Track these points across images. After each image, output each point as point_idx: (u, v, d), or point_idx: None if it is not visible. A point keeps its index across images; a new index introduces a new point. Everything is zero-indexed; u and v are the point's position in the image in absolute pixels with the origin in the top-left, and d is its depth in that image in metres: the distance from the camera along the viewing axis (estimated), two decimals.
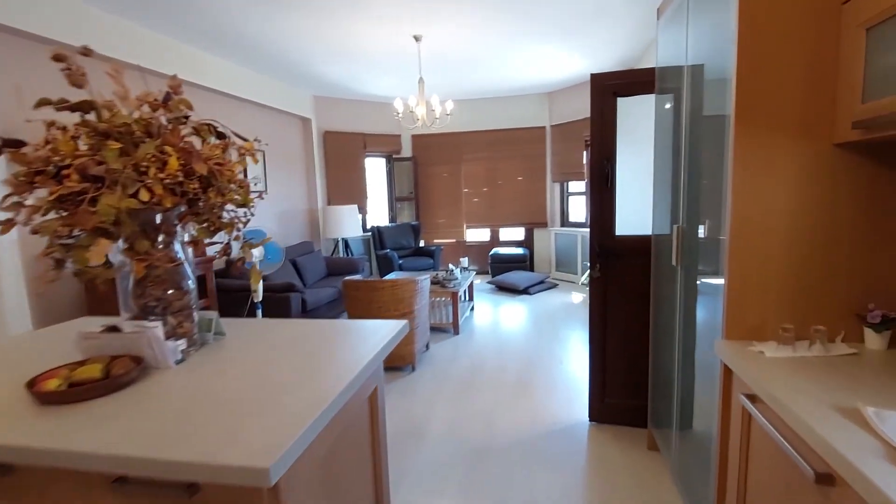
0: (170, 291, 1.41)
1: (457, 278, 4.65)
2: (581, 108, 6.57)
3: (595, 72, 5.86)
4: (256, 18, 3.84)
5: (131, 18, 3.70)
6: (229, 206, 1.60)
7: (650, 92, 2.35)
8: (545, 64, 5.46)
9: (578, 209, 7.06)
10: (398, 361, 3.60)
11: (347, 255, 6.72)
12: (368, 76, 5.68)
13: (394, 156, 7.60)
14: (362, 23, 3.98)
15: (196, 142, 1.38)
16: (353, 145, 7.12)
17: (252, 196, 1.64)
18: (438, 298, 4.61)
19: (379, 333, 1.50)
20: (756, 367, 1.20)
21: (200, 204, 1.39)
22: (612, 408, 2.67)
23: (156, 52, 4.04)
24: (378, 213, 7.86)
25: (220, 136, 1.53)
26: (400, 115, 4.56)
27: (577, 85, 6.61)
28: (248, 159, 1.55)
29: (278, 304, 4.32)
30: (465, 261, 5.34)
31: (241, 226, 1.59)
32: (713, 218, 1.56)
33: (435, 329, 4.67)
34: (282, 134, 6.26)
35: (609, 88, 2.45)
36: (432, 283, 4.79)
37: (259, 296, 4.01)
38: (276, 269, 4.17)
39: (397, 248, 7.03)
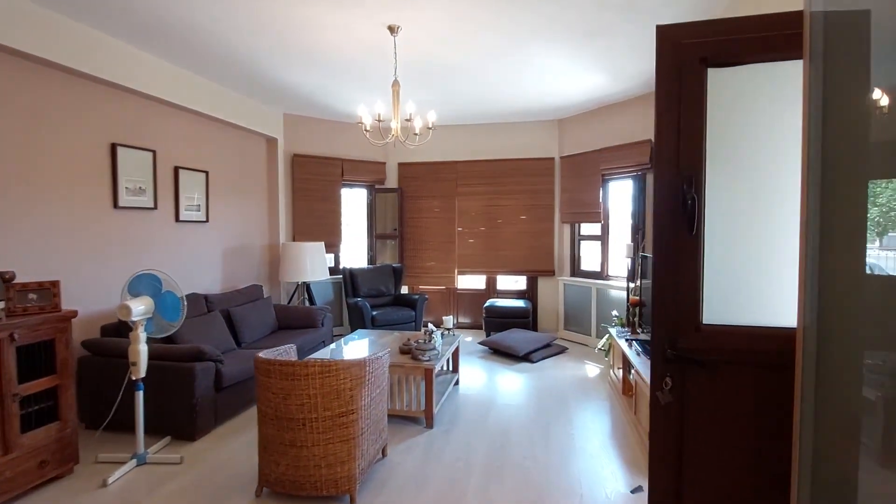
0: None
1: (435, 348, 3.42)
2: (597, 137, 5.51)
3: (615, 91, 4.81)
4: (201, 8, 2.83)
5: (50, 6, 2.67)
6: None
7: (790, 56, 1.21)
8: (555, 80, 4.43)
9: (592, 256, 5.88)
10: (329, 489, 2.32)
11: (309, 302, 5.50)
12: (342, 88, 4.65)
13: (377, 186, 6.52)
14: (324, 8, 2.94)
15: None
16: (328, 172, 6.04)
17: None
18: (407, 375, 3.36)
19: None
20: None
21: None
22: None
23: (86, 48, 3.01)
24: (355, 253, 6.69)
25: None
26: (367, 129, 3.46)
27: (592, 111, 5.58)
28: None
29: (178, 379, 3.08)
30: (449, 320, 4.12)
31: None
32: None
33: (399, 419, 3.39)
34: (240, 154, 5.19)
35: (692, 52, 1.32)
36: (401, 351, 3.56)
37: (141, 371, 2.79)
38: (178, 328, 2.98)
39: (373, 295, 5.82)
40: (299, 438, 2.28)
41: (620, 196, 5.51)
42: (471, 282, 6.65)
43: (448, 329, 4.11)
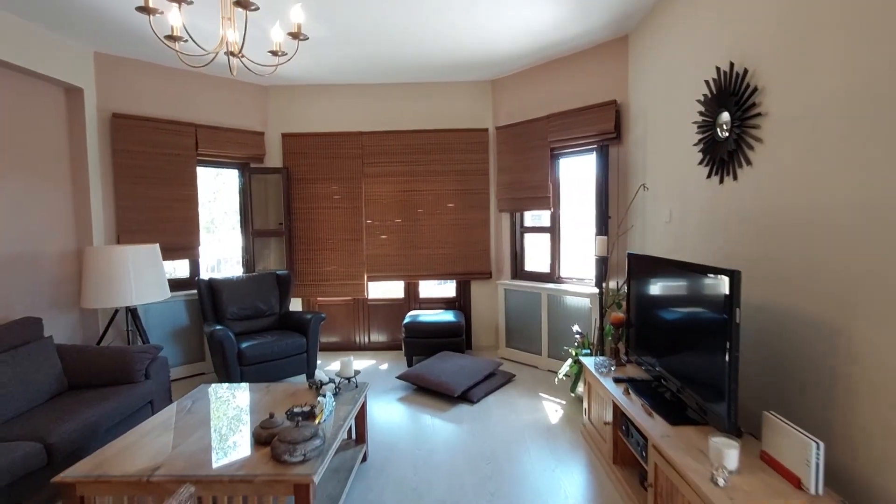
0: None
1: (317, 434, 1.91)
2: (543, 100, 4.28)
3: (570, 35, 3.55)
4: None
5: None
6: None
7: None
8: (486, 13, 3.08)
9: (539, 253, 4.69)
10: None
11: (139, 337, 3.70)
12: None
13: (253, 165, 4.78)
14: None
15: None
16: (174, 143, 4.21)
17: None
18: (262, 497, 1.81)
19: None
20: None
21: None
22: None
23: None
24: (226, 258, 4.92)
25: None
26: (174, 33, 1.83)
27: (536, 67, 4.33)
28: None
29: None
30: (349, 364, 2.62)
31: None
32: None
33: None
34: (10, 108, 3.23)
35: None
36: (258, 440, 2.00)
37: None
38: None
39: (247, 316, 4.13)
40: None
41: (575, 177, 4.34)
42: (386, 290, 5.17)
43: (348, 379, 2.61)
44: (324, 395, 2.28)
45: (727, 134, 2.34)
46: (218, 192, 5.48)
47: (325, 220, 4.87)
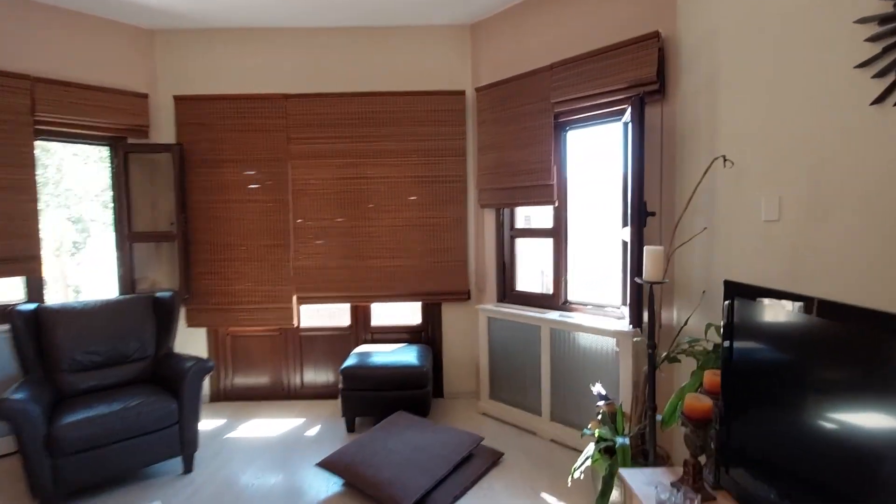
0: None
1: None
2: (543, 44, 2.93)
3: None
4: None
5: None
6: None
7: None
8: None
9: (538, 267, 3.34)
10: None
11: None
12: None
13: (131, 140, 3.36)
14: None
15: None
16: None
17: None
18: None
19: None
20: None
21: None
22: None
23: None
24: (94, 273, 3.53)
25: None
26: None
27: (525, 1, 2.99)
28: None
29: None
30: None
31: None
32: None
33: None
34: None
35: None
36: None
37: None
38: None
39: (101, 364, 2.71)
40: None
41: (592, 157, 3.00)
42: (326, 314, 3.78)
43: None
44: None
45: None
46: None
47: (237, 219, 3.47)
